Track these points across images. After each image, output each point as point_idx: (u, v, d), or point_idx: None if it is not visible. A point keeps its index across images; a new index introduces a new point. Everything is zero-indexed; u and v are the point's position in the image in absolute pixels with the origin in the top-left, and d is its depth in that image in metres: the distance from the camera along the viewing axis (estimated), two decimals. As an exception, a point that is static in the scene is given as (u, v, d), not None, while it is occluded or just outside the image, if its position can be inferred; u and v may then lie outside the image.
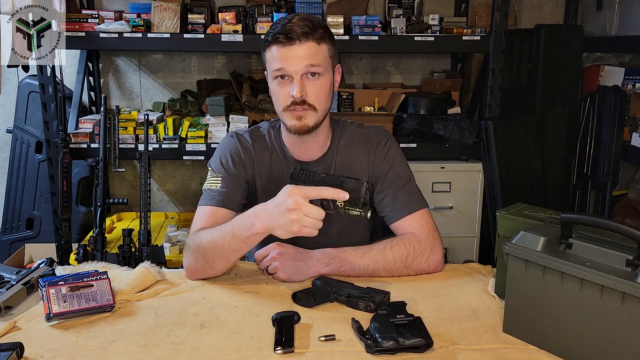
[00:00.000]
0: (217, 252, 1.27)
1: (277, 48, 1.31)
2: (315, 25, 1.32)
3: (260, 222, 1.19)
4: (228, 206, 1.40)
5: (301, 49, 1.30)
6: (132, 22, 2.48)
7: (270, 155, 1.47)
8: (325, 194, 1.15)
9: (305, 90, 1.32)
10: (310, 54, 1.30)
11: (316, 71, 1.32)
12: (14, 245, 2.92)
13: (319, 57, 1.32)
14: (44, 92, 2.50)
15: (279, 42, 1.31)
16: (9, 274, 1.28)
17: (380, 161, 1.46)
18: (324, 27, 1.35)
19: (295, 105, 1.33)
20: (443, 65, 3.25)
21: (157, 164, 3.16)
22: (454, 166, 2.67)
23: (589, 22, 3.07)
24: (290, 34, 1.29)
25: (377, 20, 2.58)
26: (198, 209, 1.42)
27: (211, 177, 1.45)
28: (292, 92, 1.32)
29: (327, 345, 1.04)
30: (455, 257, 2.69)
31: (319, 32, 1.32)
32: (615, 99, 2.66)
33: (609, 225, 0.96)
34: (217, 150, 1.50)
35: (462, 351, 1.02)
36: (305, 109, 1.33)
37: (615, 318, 0.92)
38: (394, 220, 1.43)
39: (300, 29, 1.29)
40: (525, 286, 1.04)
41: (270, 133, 1.50)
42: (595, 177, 2.76)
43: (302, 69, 1.31)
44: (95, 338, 1.06)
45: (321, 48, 1.33)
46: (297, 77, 1.31)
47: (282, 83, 1.34)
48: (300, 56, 1.30)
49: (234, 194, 1.42)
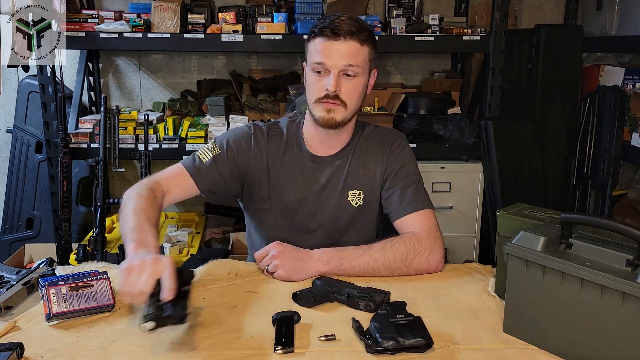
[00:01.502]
0: (121, 221, 1.28)
1: (321, 41, 1.36)
2: (361, 27, 1.37)
3: (132, 248, 1.12)
4: (196, 179, 1.44)
5: (344, 46, 1.34)
6: (132, 22, 2.48)
7: (284, 150, 1.50)
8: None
9: (340, 86, 1.36)
10: (351, 53, 1.35)
11: (354, 72, 1.37)
12: (14, 245, 2.92)
13: (359, 57, 1.36)
14: (44, 92, 2.50)
15: (324, 35, 1.35)
16: (9, 274, 1.28)
17: (393, 159, 1.50)
18: (369, 30, 1.39)
19: (328, 98, 1.37)
20: (443, 65, 3.25)
21: (157, 164, 3.13)
22: (454, 166, 2.67)
23: (589, 22, 3.07)
24: (337, 30, 1.34)
25: (377, 20, 2.58)
26: (178, 164, 1.47)
27: (207, 148, 1.48)
28: (327, 86, 1.36)
29: (327, 345, 1.04)
30: (455, 257, 2.69)
31: (363, 34, 1.36)
32: (615, 99, 2.66)
33: (609, 225, 0.96)
34: (230, 131, 1.55)
35: (462, 351, 1.02)
36: (336, 104, 1.37)
37: (615, 318, 0.92)
38: (399, 217, 1.45)
39: (347, 27, 1.34)
40: (525, 286, 1.04)
41: (290, 127, 1.52)
42: (595, 177, 2.76)
43: (341, 66, 1.35)
44: (95, 338, 1.06)
45: (362, 49, 1.37)
46: (335, 72, 1.36)
47: (320, 76, 1.38)
48: (341, 53, 1.35)
49: (214, 176, 1.45)
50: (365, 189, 1.49)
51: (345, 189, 1.49)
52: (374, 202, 1.51)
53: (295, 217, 1.50)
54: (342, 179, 1.48)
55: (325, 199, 1.49)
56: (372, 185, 1.49)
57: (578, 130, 2.86)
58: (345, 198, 1.49)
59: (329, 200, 1.49)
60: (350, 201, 1.49)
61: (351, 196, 1.49)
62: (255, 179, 1.49)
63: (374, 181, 1.49)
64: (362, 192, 1.49)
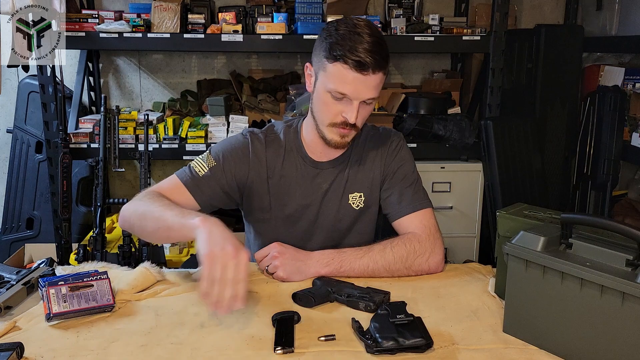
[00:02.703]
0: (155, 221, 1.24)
1: (345, 70, 1.26)
2: (385, 56, 1.29)
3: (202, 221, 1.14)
4: (195, 195, 1.38)
5: (370, 81, 1.28)
6: (132, 22, 2.48)
7: (284, 158, 1.46)
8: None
9: (359, 115, 1.32)
10: (376, 86, 1.30)
11: (372, 100, 1.33)
12: (14, 245, 2.92)
13: (381, 86, 1.32)
14: (44, 92, 2.50)
15: (348, 64, 1.25)
16: (9, 274, 1.28)
17: (391, 159, 1.48)
18: (388, 54, 1.31)
19: (345, 125, 1.33)
20: (443, 65, 3.25)
21: (157, 164, 3.15)
22: (454, 166, 2.67)
23: (589, 22, 3.07)
24: (365, 65, 1.25)
25: (377, 20, 2.58)
26: (172, 176, 1.41)
27: (202, 159, 1.43)
28: (347, 115, 1.31)
29: (327, 345, 1.04)
30: (455, 257, 2.69)
31: (386, 61, 1.30)
32: (615, 99, 2.67)
33: (609, 225, 0.96)
34: (225, 141, 1.48)
35: (462, 351, 1.02)
36: (350, 130, 1.35)
37: (615, 318, 0.92)
38: (398, 217, 1.44)
39: (375, 60, 1.25)
40: (525, 286, 1.04)
41: (287, 133, 1.48)
42: (595, 177, 2.76)
43: (365, 98, 1.30)
44: (95, 338, 1.06)
45: (384, 78, 1.32)
46: (356, 104, 1.30)
47: (337, 101, 1.31)
48: (367, 87, 1.28)
49: (212, 189, 1.40)
50: (366, 191, 1.48)
51: (346, 192, 1.47)
52: (374, 203, 1.50)
53: (297, 225, 1.48)
54: (343, 183, 1.47)
55: (328, 205, 1.47)
56: (371, 187, 1.48)
57: (578, 130, 2.86)
58: (347, 202, 1.48)
59: (331, 206, 1.47)
60: (352, 204, 1.48)
61: (352, 199, 1.48)
62: (254, 189, 1.45)
63: (373, 182, 1.48)
64: (363, 194, 1.48)
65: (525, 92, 2.91)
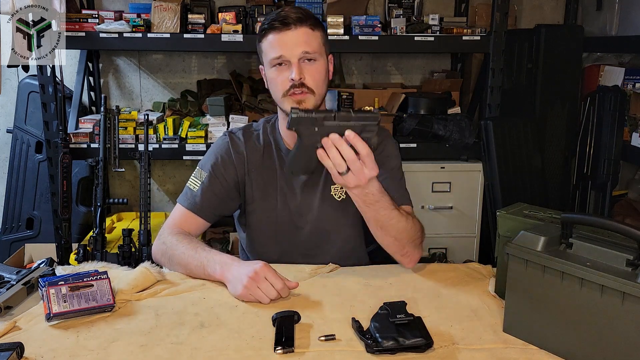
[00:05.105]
0: (182, 267, 1.35)
1: (273, 35, 1.36)
2: (307, 13, 1.39)
3: (222, 273, 1.26)
4: (201, 215, 1.46)
5: (297, 34, 1.35)
6: (132, 22, 2.48)
7: (263, 152, 1.50)
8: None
9: (303, 73, 1.35)
10: (306, 40, 1.36)
11: (312, 57, 1.37)
12: (14, 245, 2.92)
13: (314, 43, 1.37)
14: (44, 92, 2.50)
15: (274, 28, 1.36)
16: (9, 274, 1.28)
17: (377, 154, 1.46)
18: (315, 17, 1.41)
19: (295, 88, 1.36)
20: (443, 65, 3.25)
21: (157, 164, 3.15)
22: (454, 166, 2.67)
23: (589, 22, 3.07)
24: (285, 19, 1.35)
25: (377, 20, 2.58)
26: (177, 205, 1.50)
27: (195, 176, 1.50)
28: (290, 76, 1.35)
29: (327, 345, 1.04)
30: (455, 257, 2.69)
31: (312, 20, 1.38)
32: (615, 99, 2.66)
33: (609, 225, 0.96)
34: (210, 150, 1.54)
35: (462, 351, 1.02)
36: (304, 93, 1.36)
37: (615, 318, 0.92)
38: None
39: (295, 14, 1.36)
40: (525, 286, 1.04)
41: (265, 128, 1.53)
42: (595, 177, 2.76)
43: (300, 53, 1.35)
44: (95, 338, 1.06)
45: (315, 34, 1.38)
46: (295, 61, 1.35)
47: (280, 69, 1.37)
48: (296, 41, 1.35)
49: (211, 201, 1.46)
50: None
51: (327, 183, 1.48)
52: None
53: (282, 217, 1.49)
54: (323, 174, 1.47)
55: (308, 196, 1.49)
56: None
57: (578, 130, 2.86)
58: (328, 193, 1.48)
59: (312, 197, 1.48)
60: (334, 195, 1.48)
61: (334, 190, 1.49)
62: (243, 183, 1.50)
63: None
64: None
65: (525, 92, 2.91)
